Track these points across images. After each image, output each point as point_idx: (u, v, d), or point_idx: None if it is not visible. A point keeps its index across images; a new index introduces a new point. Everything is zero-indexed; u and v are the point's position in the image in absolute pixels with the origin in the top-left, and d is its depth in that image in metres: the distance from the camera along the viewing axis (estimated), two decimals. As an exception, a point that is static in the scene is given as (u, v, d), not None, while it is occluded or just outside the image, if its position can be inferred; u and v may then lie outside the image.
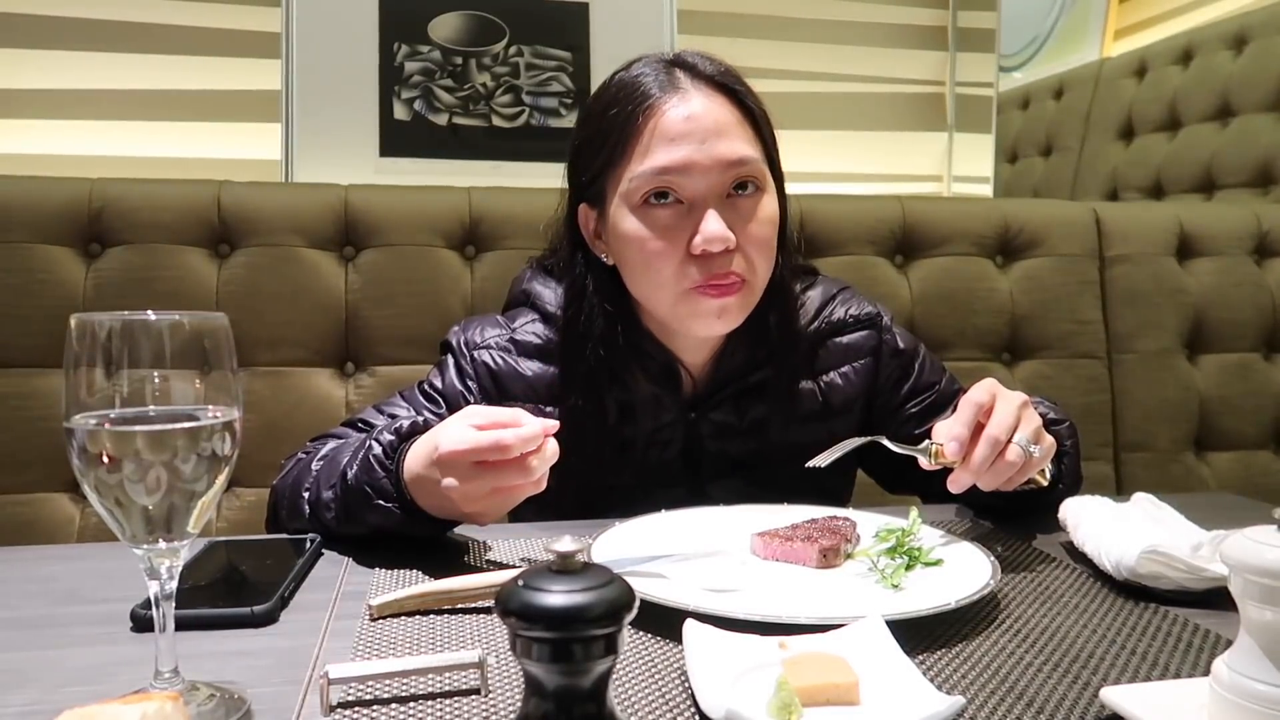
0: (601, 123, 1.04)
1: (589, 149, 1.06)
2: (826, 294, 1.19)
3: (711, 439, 1.13)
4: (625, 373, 1.09)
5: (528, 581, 0.41)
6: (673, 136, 0.99)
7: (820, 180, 2.50)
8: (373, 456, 0.90)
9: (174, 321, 0.57)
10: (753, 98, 1.05)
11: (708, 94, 1.01)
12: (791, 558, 0.87)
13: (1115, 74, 2.91)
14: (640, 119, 1.00)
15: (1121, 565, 0.83)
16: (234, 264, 1.45)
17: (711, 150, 0.99)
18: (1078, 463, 1.10)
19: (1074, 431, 1.09)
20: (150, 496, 0.56)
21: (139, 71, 2.11)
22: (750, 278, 1.02)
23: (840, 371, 1.16)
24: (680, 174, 0.99)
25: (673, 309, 1.03)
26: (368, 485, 0.90)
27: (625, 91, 1.03)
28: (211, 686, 0.62)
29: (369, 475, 0.90)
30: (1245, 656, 0.54)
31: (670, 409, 1.12)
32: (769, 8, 2.51)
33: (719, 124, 1.00)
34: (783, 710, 0.57)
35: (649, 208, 1.01)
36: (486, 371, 1.12)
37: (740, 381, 1.12)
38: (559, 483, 1.10)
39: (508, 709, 0.61)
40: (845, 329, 1.17)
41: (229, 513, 1.42)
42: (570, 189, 1.10)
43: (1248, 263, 1.75)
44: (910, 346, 1.20)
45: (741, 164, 1.00)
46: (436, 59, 2.10)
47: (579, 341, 1.08)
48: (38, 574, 0.88)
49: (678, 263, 1.00)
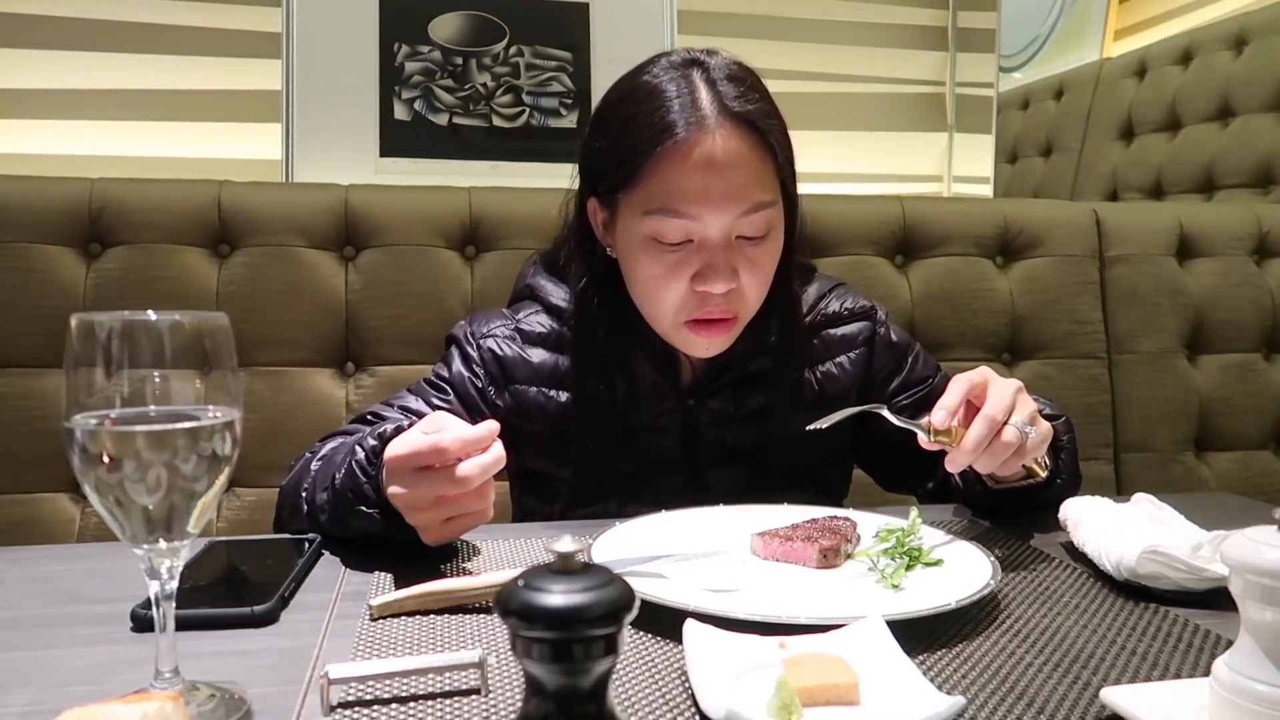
0: (620, 137, 1.02)
1: (605, 158, 1.05)
2: (822, 289, 1.21)
3: (709, 427, 1.14)
4: (629, 358, 1.11)
5: (528, 581, 0.41)
6: (691, 183, 0.98)
7: (820, 180, 2.50)
8: (355, 462, 0.89)
9: (174, 321, 0.57)
10: (775, 131, 1.02)
11: (729, 131, 0.98)
12: (792, 558, 0.87)
13: (1115, 74, 2.91)
14: (659, 155, 0.98)
15: (1122, 565, 0.83)
16: (234, 264, 1.45)
17: (726, 199, 0.98)
18: (1075, 460, 1.09)
19: (1071, 427, 1.09)
20: (150, 496, 0.56)
21: (139, 71, 2.11)
22: (742, 312, 1.05)
23: (836, 362, 1.18)
24: (693, 220, 0.99)
25: (666, 333, 1.07)
26: (351, 490, 0.89)
27: (646, 107, 1.00)
28: (212, 686, 0.62)
29: (352, 480, 0.89)
30: (1245, 657, 0.54)
31: (669, 395, 1.13)
32: (769, 8, 2.51)
33: (736, 169, 0.98)
34: (783, 710, 0.57)
35: (658, 244, 1.01)
36: (493, 358, 1.13)
37: (739, 370, 1.13)
38: (559, 468, 1.11)
39: (508, 709, 0.61)
40: (841, 321, 1.19)
41: (229, 513, 1.42)
42: (582, 181, 1.10)
43: (1248, 263, 1.75)
44: (903, 341, 1.22)
45: (754, 211, 1.00)
46: (437, 59, 2.10)
47: (591, 325, 1.09)
48: (38, 574, 0.88)
49: (679, 298, 1.02)
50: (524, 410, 1.12)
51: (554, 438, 1.13)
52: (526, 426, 1.12)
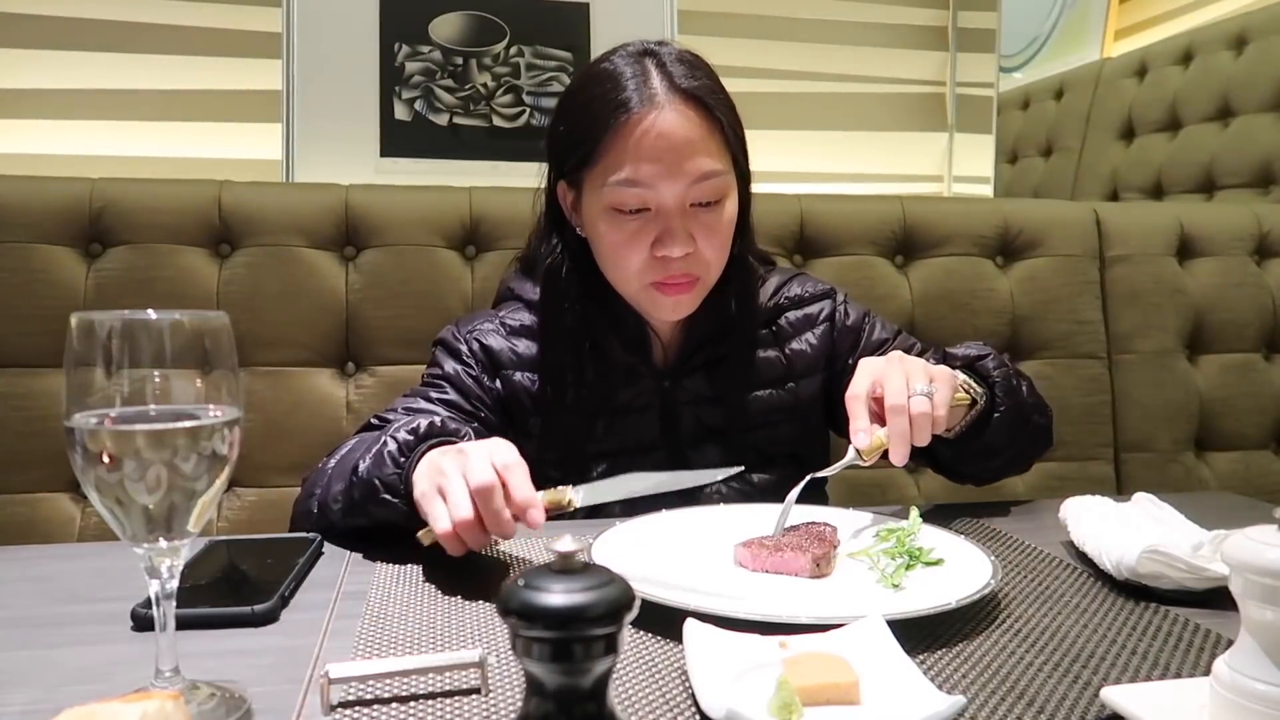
0: (580, 118, 1.10)
1: (568, 140, 1.12)
2: (784, 276, 1.29)
3: (687, 407, 1.19)
4: (603, 339, 1.16)
5: (528, 581, 0.41)
6: (645, 153, 1.05)
7: (820, 180, 2.50)
8: (386, 452, 0.93)
9: (175, 321, 0.57)
10: (723, 107, 1.10)
11: (680, 108, 1.06)
12: (783, 568, 0.84)
13: (1116, 74, 2.91)
14: (614, 128, 1.06)
15: (1122, 565, 0.83)
16: (234, 264, 1.45)
17: (678, 168, 1.06)
18: (1011, 372, 1.11)
19: (1002, 361, 1.12)
20: (151, 496, 0.56)
21: (139, 71, 2.11)
22: (703, 274, 1.12)
23: (803, 338, 1.25)
24: (648, 188, 1.06)
25: (634, 297, 1.14)
26: (378, 479, 0.92)
27: (603, 91, 1.08)
28: (212, 686, 0.62)
29: (380, 470, 0.92)
30: (1246, 656, 0.54)
31: (645, 375, 1.19)
32: (769, 8, 2.51)
33: (688, 140, 1.06)
34: (783, 710, 0.57)
35: (618, 213, 1.08)
36: (481, 348, 1.19)
37: (709, 351, 1.19)
38: (543, 451, 1.13)
39: (508, 709, 0.62)
40: (803, 302, 1.26)
41: (229, 513, 1.42)
42: (550, 166, 1.17)
43: (1248, 263, 1.75)
44: (859, 314, 1.28)
45: (706, 179, 1.07)
46: (437, 59, 2.10)
47: (559, 300, 1.16)
48: (38, 574, 0.88)
49: (641, 262, 1.09)
50: (513, 396, 1.18)
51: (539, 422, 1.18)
52: (516, 413, 1.18)
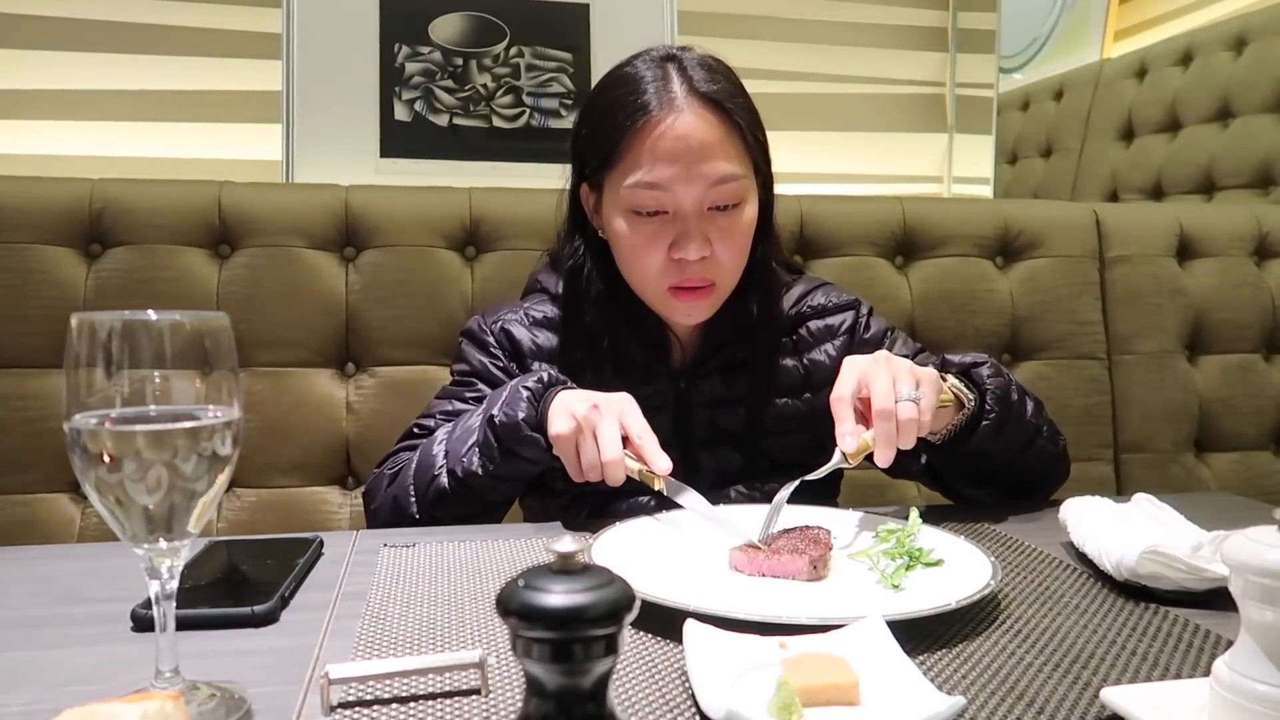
0: (601, 121, 1.11)
1: (590, 143, 1.13)
2: (809, 285, 1.28)
3: (701, 408, 1.19)
4: (621, 338, 1.17)
5: (528, 581, 0.41)
6: (663, 155, 1.06)
7: (820, 181, 2.51)
8: (522, 400, 1.01)
9: (175, 321, 0.57)
10: (743, 111, 1.10)
11: (699, 111, 1.07)
12: (780, 572, 0.84)
13: (1115, 75, 2.91)
14: (635, 132, 1.07)
15: (1122, 565, 0.83)
16: (234, 264, 1.45)
17: (696, 170, 1.06)
18: (1009, 385, 1.10)
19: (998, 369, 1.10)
20: (151, 496, 0.56)
21: (139, 72, 2.11)
22: (720, 280, 1.12)
23: (822, 348, 1.24)
24: (666, 190, 1.07)
25: (652, 301, 1.15)
26: (523, 420, 1.00)
27: (624, 94, 1.09)
28: (212, 686, 0.62)
29: (518, 411, 1.01)
30: (1246, 657, 0.54)
31: (661, 375, 1.19)
32: (769, 8, 2.51)
33: (706, 144, 1.06)
34: (783, 710, 0.57)
35: (637, 215, 1.09)
36: (506, 338, 1.20)
37: (727, 355, 1.19)
38: None
39: (508, 709, 0.62)
40: (826, 312, 1.26)
41: (229, 513, 1.42)
42: (573, 168, 1.19)
43: (1248, 264, 1.75)
44: (880, 330, 1.27)
45: (723, 183, 1.07)
46: (437, 60, 2.10)
47: (580, 300, 1.17)
48: (38, 574, 0.88)
49: (658, 264, 1.10)
50: None
51: None
52: None
